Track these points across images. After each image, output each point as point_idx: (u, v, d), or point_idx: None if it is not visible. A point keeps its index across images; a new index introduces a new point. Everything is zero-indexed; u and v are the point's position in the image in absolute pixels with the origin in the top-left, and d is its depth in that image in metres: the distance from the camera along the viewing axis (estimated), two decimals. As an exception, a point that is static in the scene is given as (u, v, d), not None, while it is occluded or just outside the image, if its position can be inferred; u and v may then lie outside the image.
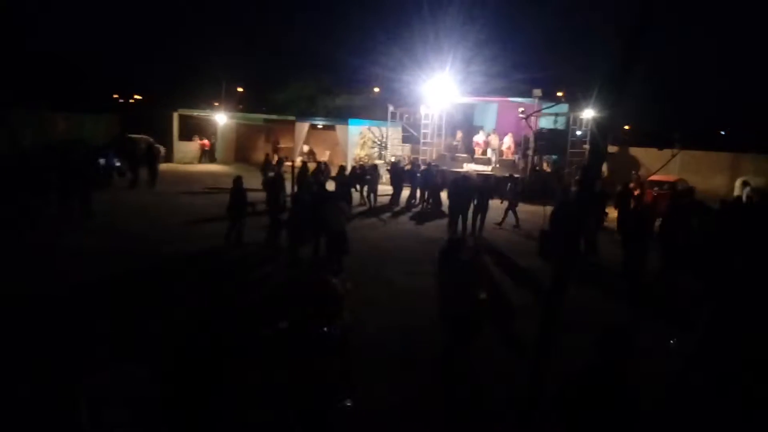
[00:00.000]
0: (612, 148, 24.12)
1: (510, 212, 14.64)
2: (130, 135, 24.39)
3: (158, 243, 11.01)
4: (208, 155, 28.54)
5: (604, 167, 19.04)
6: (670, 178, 17.98)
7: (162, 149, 24.14)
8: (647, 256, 9.82)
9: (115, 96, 50.71)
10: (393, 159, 22.25)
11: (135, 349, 5.83)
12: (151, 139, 24.17)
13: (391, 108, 25.28)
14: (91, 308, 7.27)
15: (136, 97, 53.65)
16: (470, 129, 25.02)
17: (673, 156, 17.83)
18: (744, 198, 16.19)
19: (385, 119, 25.90)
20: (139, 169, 18.31)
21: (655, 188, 16.68)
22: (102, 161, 17.95)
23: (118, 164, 18.99)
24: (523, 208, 18.34)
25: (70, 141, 20.79)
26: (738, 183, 19.09)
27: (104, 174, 17.74)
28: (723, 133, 38.51)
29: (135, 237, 11.47)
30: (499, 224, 14.53)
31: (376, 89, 38.06)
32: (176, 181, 20.54)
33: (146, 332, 6.41)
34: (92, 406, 3.58)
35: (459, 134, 24.59)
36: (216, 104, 36.09)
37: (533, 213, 16.45)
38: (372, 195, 17.20)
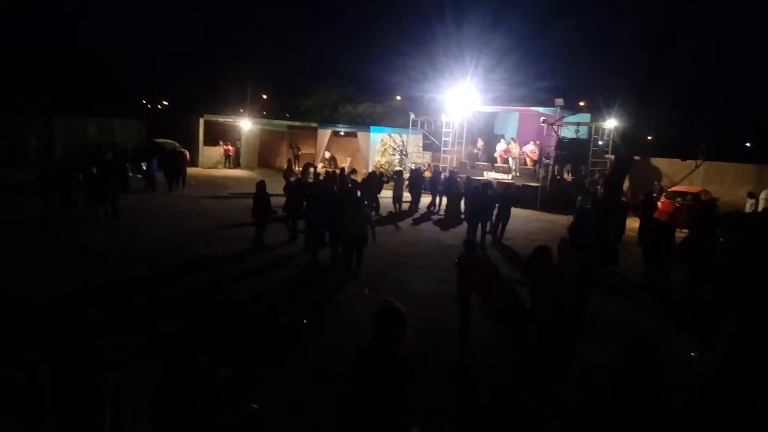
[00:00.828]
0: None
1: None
2: (156, 140, 24.95)
3: (182, 246, 11.24)
4: (232, 160, 29.07)
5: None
6: (693, 189, 17.78)
7: (187, 154, 24.69)
8: (669, 267, 9.79)
9: (143, 101, 51.89)
10: (413, 166, 22.40)
11: (150, 351, 5.79)
12: (177, 144, 24.70)
13: (412, 116, 25.47)
14: (107, 310, 7.37)
15: (164, 102, 54.83)
16: (491, 137, 25.06)
17: (697, 167, 17.58)
18: (748, 209, 15.98)
19: (406, 127, 26.09)
20: (173, 173, 18.94)
21: (678, 199, 16.53)
22: (143, 166, 18.86)
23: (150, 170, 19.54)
24: (544, 216, 18.32)
25: (102, 145, 21.36)
26: (763, 196, 18.74)
27: (148, 179, 18.55)
28: (748, 144, 37.87)
29: (159, 240, 11.73)
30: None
31: (398, 97, 38.33)
32: (201, 185, 21.02)
33: (159, 333, 6.50)
34: (112, 405, 3.60)
35: (480, 142, 24.63)
36: (241, 110, 36.71)
37: (554, 222, 16.45)
38: (397, 201, 17.43)
